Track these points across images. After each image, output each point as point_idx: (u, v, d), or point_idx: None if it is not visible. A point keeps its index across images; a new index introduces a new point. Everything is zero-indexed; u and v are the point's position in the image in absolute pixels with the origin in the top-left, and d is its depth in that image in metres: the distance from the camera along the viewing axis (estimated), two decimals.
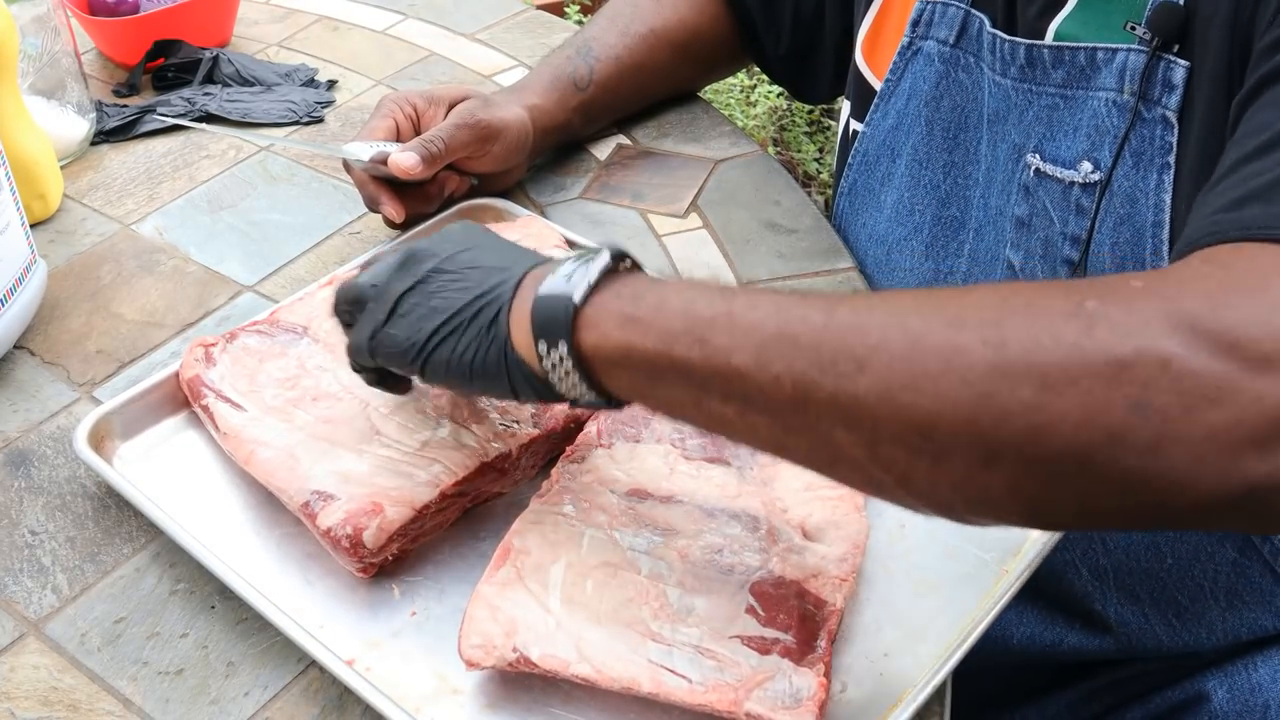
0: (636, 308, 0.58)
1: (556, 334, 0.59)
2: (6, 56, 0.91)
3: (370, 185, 0.92)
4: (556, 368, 0.60)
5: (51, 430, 0.81)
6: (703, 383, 0.56)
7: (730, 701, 0.60)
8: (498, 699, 0.63)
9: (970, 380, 0.50)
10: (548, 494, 0.71)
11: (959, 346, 0.51)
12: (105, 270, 0.95)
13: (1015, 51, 0.79)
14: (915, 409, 0.50)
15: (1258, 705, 0.82)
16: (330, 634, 0.66)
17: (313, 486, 0.69)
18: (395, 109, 0.93)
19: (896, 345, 0.52)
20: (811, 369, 0.53)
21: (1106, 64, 0.75)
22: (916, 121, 0.88)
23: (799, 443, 0.55)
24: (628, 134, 1.10)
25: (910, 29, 0.87)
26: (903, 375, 0.51)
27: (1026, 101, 0.80)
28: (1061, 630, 0.87)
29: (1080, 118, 0.77)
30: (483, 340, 0.62)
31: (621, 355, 0.58)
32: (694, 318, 0.56)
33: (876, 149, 0.91)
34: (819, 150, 2.59)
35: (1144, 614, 0.84)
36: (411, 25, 1.30)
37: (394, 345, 0.65)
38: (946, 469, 0.51)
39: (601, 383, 0.60)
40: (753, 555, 0.67)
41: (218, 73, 1.17)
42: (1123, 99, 0.75)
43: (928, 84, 0.87)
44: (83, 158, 1.08)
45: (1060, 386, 0.49)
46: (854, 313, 0.54)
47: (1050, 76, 0.78)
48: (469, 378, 0.63)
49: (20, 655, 0.67)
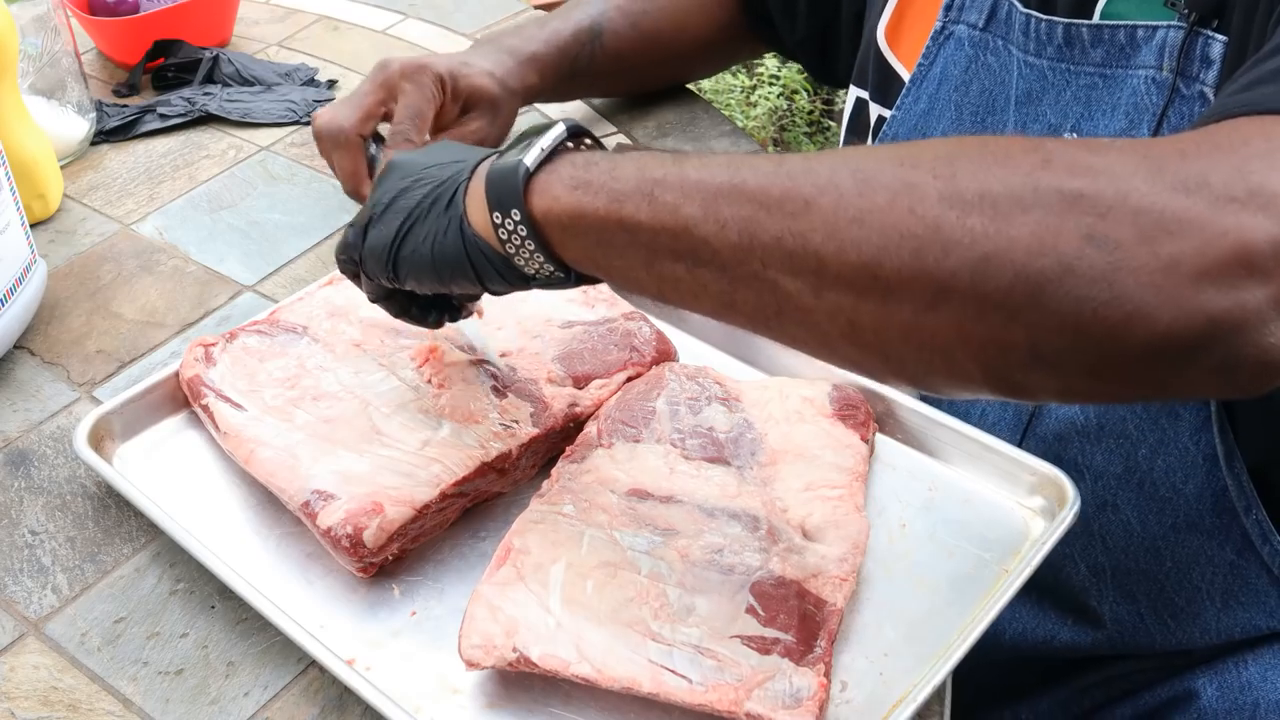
0: (588, 172, 0.58)
1: (509, 201, 0.59)
2: (6, 56, 0.91)
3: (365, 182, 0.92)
4: (511, 237, 0.60)
5: (51, 430, 0.81)
6: (651, 241, 0.55)
7: (730, 701, 0.60)
8: (498, 699, 0.63)
9: (918, 211, 0.48)
10: (548, 494, 0.71)
11: (909, 182, 0.49)
12: (105, 270, 0.95)
13: (1053, 31, 0.79)
14: (862, 244, 0.49)
15: (1247, 704, 0.81)
16: (330, 634, 0.66)
17: (313, 486, 0.69)
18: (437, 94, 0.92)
19: (845, 184, 0.50)
20: (759, 211, 0.52)
21: (1146, 42, 0.75)
22: (946, 107, 0.88)
23: (746, 295, 0.54)
24: (628, 134, 1.10)
25: (944, 13, 0.86)
26: (850, 210, 0.50)
27: (1064, 81, 0.79)
28: (1054, 626, 0.87)
29: (1119, 96, 0.77)
30: (440, 224, 0.63)
31: (572, 219, 0.58)
32: (644, 178, 0.56)
33: (907, 133, 0.90)
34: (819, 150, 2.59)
35: (1139, 613, 0.84)
36: (411, 25, 1.30)
37: (373, 255, 0.66)
38: (894, 311, 0.49)
39: (557, 253, 0.60)
40: (753, 555, 0.67)
41: (218, 73, 1.17)
42: (1161, 76, 0.74)
43: (958, 68, 0.86)
44: (83, 158, 1.08)
45: (1012, 214, 0.47)
46: (805, 160, 0.53)
47: (1089, 55, 0.78)
48: (433, 266, 0.64)
49: (20, 655, 0.67)
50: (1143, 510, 0.81)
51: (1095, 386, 0.50)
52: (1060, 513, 0.71)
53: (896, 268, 0.49)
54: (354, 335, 0.80)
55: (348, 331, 0.80)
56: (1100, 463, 0.81)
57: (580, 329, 0.82)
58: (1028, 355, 0.48)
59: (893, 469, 0.76)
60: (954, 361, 0.50)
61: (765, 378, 0.82)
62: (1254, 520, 0.79)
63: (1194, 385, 0.49)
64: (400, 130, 0.89)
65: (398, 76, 0.90)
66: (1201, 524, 0.80)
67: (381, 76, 0.90)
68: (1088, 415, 0.81)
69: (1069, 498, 0.71)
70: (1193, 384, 0.49)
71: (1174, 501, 0.80)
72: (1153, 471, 0.80)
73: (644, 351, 0.81)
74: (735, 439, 0.74)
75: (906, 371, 0.52)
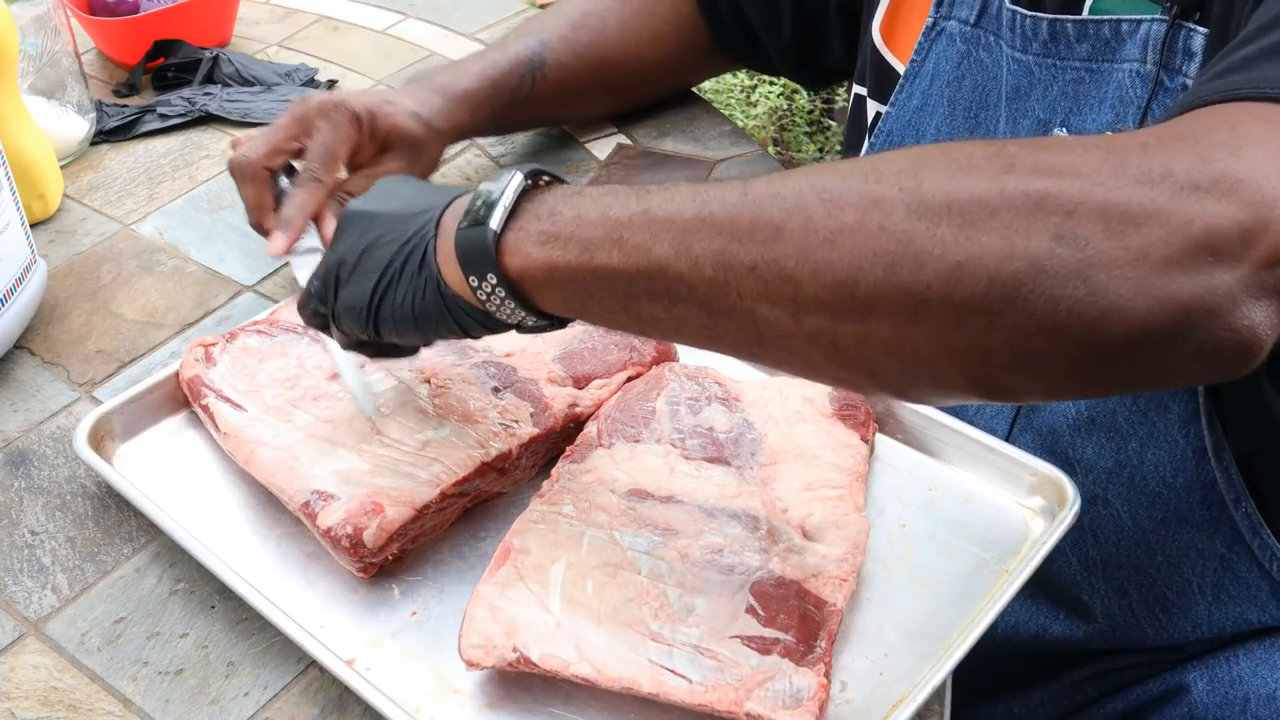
0: (554, 224, 0.58)
1: (483, 266, 0.59)
2: (6, 56, 0.91)
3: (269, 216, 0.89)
4: (490, 297, 0.60)
5: (51, 430, 0.81)
6: (628, 286, 0.55)
7: (730, 701, 0.60)
8: (498, 699, 0.63)
9: (888, 226, 0.48)
10: (548, 494, 0.71)
11: (876, 197, 0.49)
12: (105, 270, 0.95)
13: (1038, 27, 0.79)
14: (835, 265, 0.49)
15: (1238, 698, 0.82)
16: (330, 634, 0.66)
17: (313, 486, 0.69)
18: (353, 133, 0.89)
19: (813, 205, 0.50)
20: (730, 243, 0.52)
21: (1131, 35, 0.76)
22: (939, 102, 0.88)
23: (727, 328, 0.54)
24: (628, 134, 1.10)
25: (935, 9, 0.87)
26: (820, 232, 0.50)
27: (1050, 76, 0.80)
28: (1046, 620, 0.87)
29: (1105, 89, 0.77)
30: (416, 285, 0.63)
31: (546, 274, 0.58)
32: (611, 222, 0.56)
33: (901, 129, 0.91)
34: (819, 150, 2.59)
35: (1130, 608, 0.84)
36: (411, 25, 1.30)
37: (350, 314, 0.66)
38: (874, 329, 0.49)
39: (536, 305, 0.60)
40: (753, 555, 0.67)
41: (218, 73, 1.17)
42: (1145, 69, 0.75)
43: (950, 64, 0.87)
44: (83, 158, 1.08)
45: (980, 220, 0.47)
46: (769, 184, 0.53)
47: (1075, 50, 0.78)
48: (416, 324, 0.64)
49: (20, 655, 0.67)
50: (1133, 504, 0.81)
51: (1079, 383, 0.50)
52: (1060, 513, 0.71)
53: (872, 285, 0.49)
54: None
55: None
56: (1090, 456, 0.81)
57: (580, 329, 0.82)
58: (1010, 358, 0.48)
59: (893, 469, 0.76)
60: (938, 371, 0.50)
61: (765, 378, 0.82)
62: (1243, 513, 0.79)
63: (1177, 373, 0.49)
64: (309, 169, 0.87)
65: (314, 113, 0.88)
66: (1191, 517, 0.80)
67: (299, 112, 0.89)
68: (1078, 409, 0.81)
69: (1069, 498, 0.71)
70: (1176, 371, 0.49)
71: (1164, 495, 0.80)
72: (1143, 465, 0.80)
73: (644, 351, 0.81)
74: (735, 439, 0.74)
75: (891, 384, 0.52)
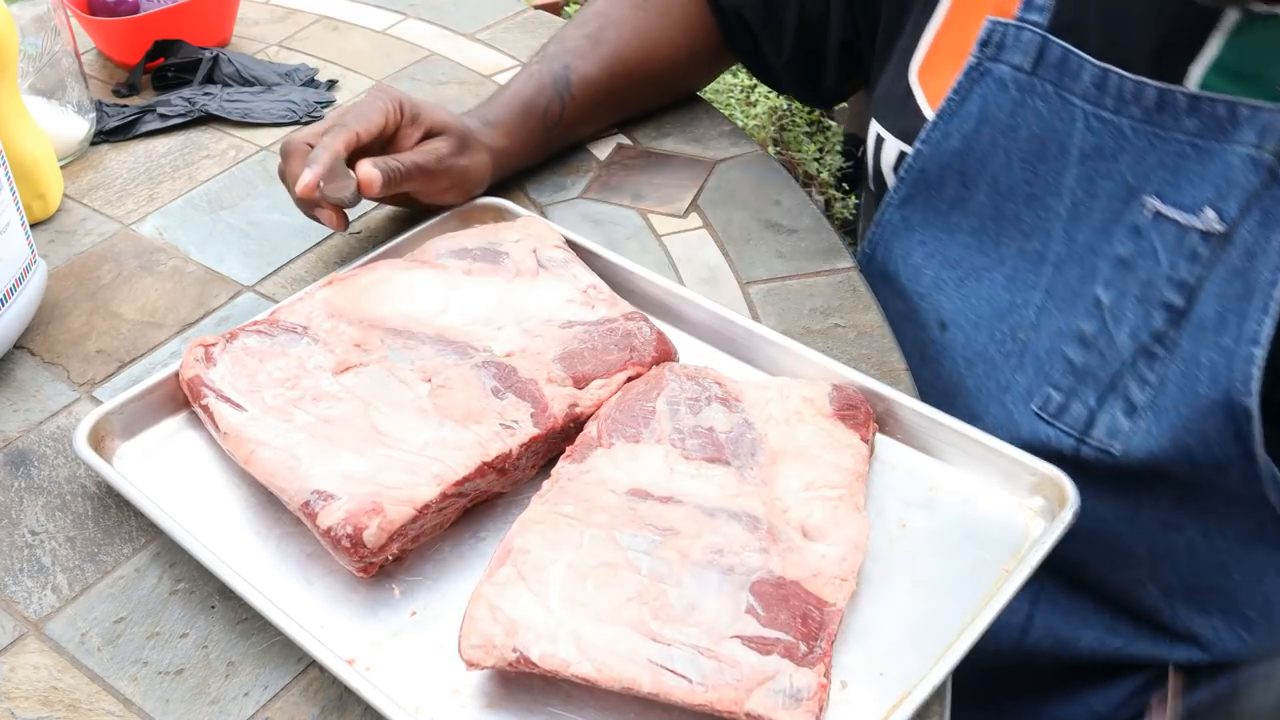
0: None
1: None
2: (6, 56, 0.91)
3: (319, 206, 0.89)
4: None
5: (51, 430, 0.81)
6: None
7: (730, 701, 0.60)
8: (498, 699, 0.63)
9: None
10: (548, 494, 0.71)
11: None
12: (105, 270, 0.95)
13: (1141, 91, 0.78)
14: None
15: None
16: (330, 634, 0.66)
17: (313, 486, 0.69)
18: (391, 108, 0.91)
19: None
20: None
21: (1249, 120, 0.74)
22: (994, 150, 0.86)
23: None
24: (628, 134, 1.10)
25: (979, 49, 0.85)
26: None
27: (1148, 144, 0.78)
28: (1126, 639, 0.89)
29: (1210, 168, 0.76)
30: None
31: None
32: None
33: (939, 169, 0.89)
34: (819, 150, 2.59)
35: (1213, 626, 0.85)
36: (411, 25, 1.30)
37: None
38: None
39: None
40: (753, 555, 0.67)
41: (218, 73, 1.17)
42: (1260, 155, 0.74)
43: (1003, 111, 0.85)
44: (83, 158, 1.08)
45: None
46: None
47: (1181, 123, 0.77)
48: None
49: (20, 655, 0.67)
50: (1206, 527, 0.81)
51: None
52: (1060, 513, 0.71)
53: None
54: (354, 335, 0.80)
55: (348, 331, 0.80)
56: (1160, 485, 0.81)
57: (580, 329, 0.82)
58: None
59: (893, 469, 0.76)
60: None
61: (765, 378, 0.82)
62: None
63: None
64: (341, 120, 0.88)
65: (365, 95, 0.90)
66: (1264, 534, 0.81)
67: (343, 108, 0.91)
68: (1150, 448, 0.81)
69: (1069, 498, 0.71)
70: None
71: (1236, 514, 0.80)
72: (1213, 489, 0.80)
73: (644, 352, 0.81)
74: (735, 439, 0.74)
75: None
